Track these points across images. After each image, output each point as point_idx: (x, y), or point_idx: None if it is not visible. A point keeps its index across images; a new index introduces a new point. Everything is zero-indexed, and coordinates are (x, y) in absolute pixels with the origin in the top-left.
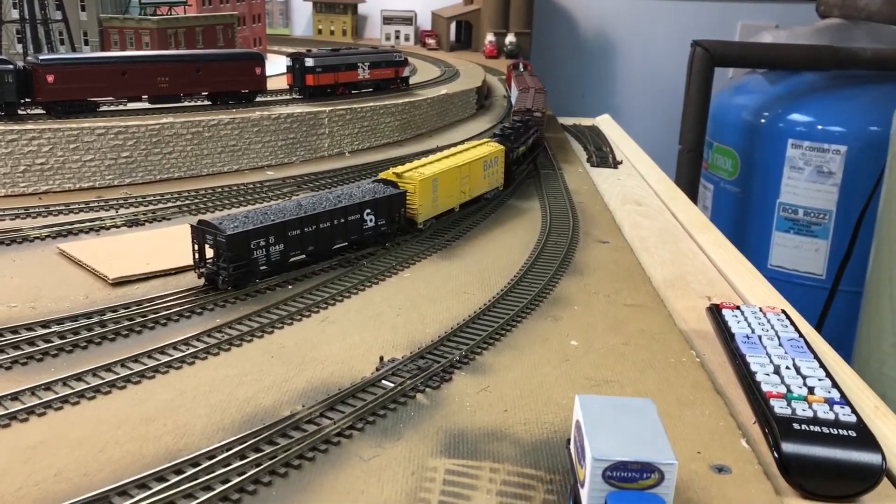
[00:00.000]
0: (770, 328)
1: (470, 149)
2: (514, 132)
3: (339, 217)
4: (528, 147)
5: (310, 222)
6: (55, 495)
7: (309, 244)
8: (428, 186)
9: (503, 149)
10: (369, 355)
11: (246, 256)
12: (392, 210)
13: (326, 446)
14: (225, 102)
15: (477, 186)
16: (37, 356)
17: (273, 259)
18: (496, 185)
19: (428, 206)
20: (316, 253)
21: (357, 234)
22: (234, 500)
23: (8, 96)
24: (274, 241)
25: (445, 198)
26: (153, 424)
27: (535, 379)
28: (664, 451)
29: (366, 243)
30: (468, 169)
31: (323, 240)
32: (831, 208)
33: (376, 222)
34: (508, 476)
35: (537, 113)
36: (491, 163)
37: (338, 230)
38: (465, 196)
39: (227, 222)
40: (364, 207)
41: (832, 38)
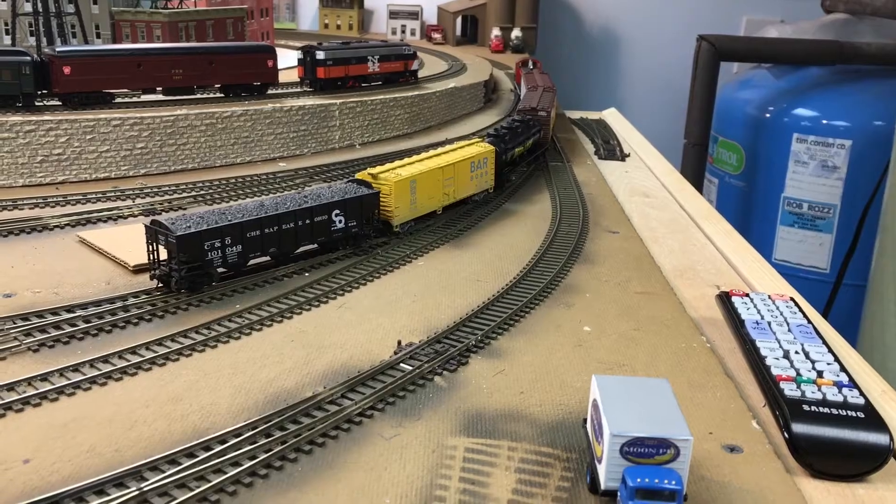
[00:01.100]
0: (779, 314)
1: (457, 149)
2: (511, 132)
3: (304, 218)
4: (526, 148)
5: (271, 223)
6: (88, 470)
7: (271, 246)
8: (405, 188)
9: (493, 149)
10: (387, 340)
11: (199, 258)
12: (364, 212)
13: (349, 425)
14: (237, 95)
15: (463, 188)
16: (63, 339)
17: (230, 261)
18: (485, 188)
19: (405, 208)
20: (279, 255)
21: (325, 236)
22: (261, 475)
23: (26, 88)
24: (231, 243)
25: (426, 200)
26: (179, 404)
27: (550, 363)
28: (680, 428)
29: (336, 246)
30: (452, 170)
31: (287, 241)
32: (836, 202)
33: (346, 224)
34: (526, 454)
35: (542, 112)
36: (479, 164)
37: (303, 232)
38: (448, 198)
39: (179, 222)
40: (332, 208)
41: (837, 32)
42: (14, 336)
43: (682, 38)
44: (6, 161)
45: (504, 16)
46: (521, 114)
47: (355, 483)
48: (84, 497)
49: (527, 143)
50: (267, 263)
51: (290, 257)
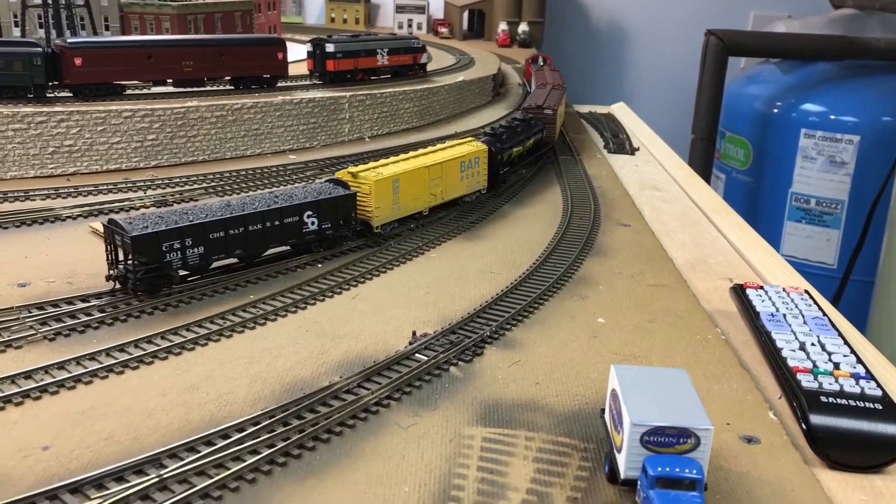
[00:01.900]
0: (794, 307)
1: (447, 148)
2: (509, 131)
3: (272, 219)
4: (526, 147)
5: (236, 224)
6: (107, 457)
7: (236, 247)
8: (385, 188)
9: (486, 149)
10: (401, 330)
11: (157, 259)
12: (338, 213)
13: (366, 415)
14: (247, 87)
15: (452, 188)
16: (78, 328)
17: (191, 263)
18: (477, 188)
19: (386, 208)
20: (246, 257)
21: (296, 237)
22: (280, 463)
23: (37, 79)
24: (192, 244)
25: (410, 200)
26: (196, 393)
27: (565, 354)
28: (700, 417)
29: (309, 248)
30: (440, 170)
31: (254, 243)
32: (843, 198)
33: (319, 225)
34: (543, 444)
35: (548, 111)
36: (470, 164)
37: (271, 233)
38: (435, 199)
39: (137, 222)
40: (304, 209)
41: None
42: (29, 325)
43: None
44: (18, 152)
45: (511, 10)
46: (525, 112)
47: (374, 471)
48: (104, 484)
49: (527, 142)
50: (234, 266)
51: (258, 260)
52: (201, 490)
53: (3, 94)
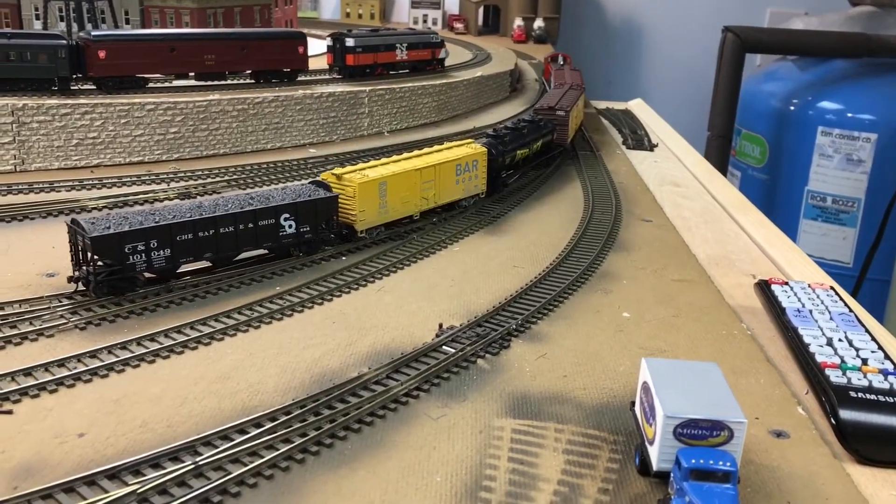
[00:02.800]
0: (820, 303)
1: (442, 150)
2: (514, 133)
3: (245, 221)
4: (532, 150)
5: (206, 226)
6: (142, 444)
7: (206, 250)
8: (371, 190)
9: (485, 151)
10: (427, 323)
11: (119, 261)
12: (318, 216)
13: (395, 405)
14: (268, 81)
15: (447, 192)
16: (109, 318)
17: (157, 265)
18: (475, 192)
19: (372, 212)
20: (217, 260)
21: (272, 240)
22: (312, 452)
23: (61, 71)
24: (157, 246)
25: (399, 204)
26: (228, 382)
27: (591, 347)
28: (733, 410)
29: (287, 252)
30: (433, 172)
31: (225, 246)
32: (860, 196)
33: (297, 229)
34: (573, 436)
35: (560, 112)
36: (468, 167)
37: (245, 236)
38: (427, 203)
39: (99, 222)
40: (280, 212)
41: (864, 25)
42: (60, 314)
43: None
44: (42, 144)
45: (526, 6)
46: (535, 113)
47: (405, 461)
48: (141, 470)
49: (533, 145)
50: (205, 269)
51: (231, 263)
52: (236, 477)
53: (27, 86)
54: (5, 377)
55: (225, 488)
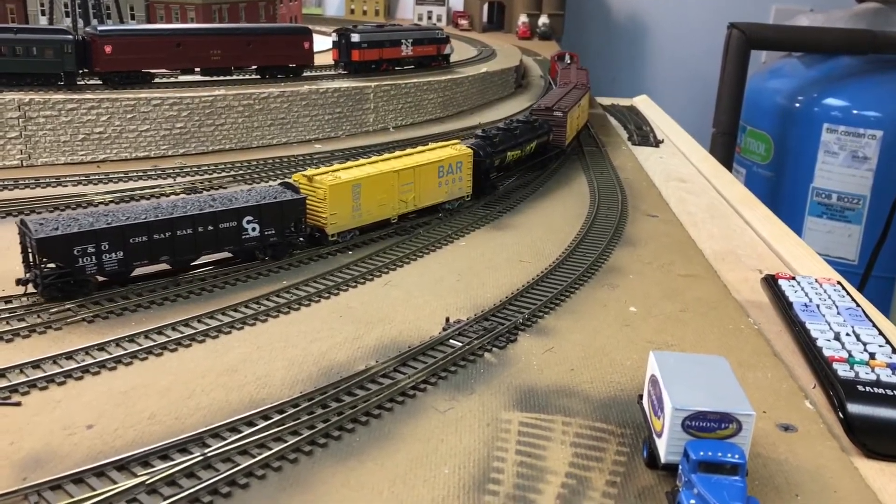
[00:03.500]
0: (827, 297)
1: (424, 151)
2: (505, 133)
3: (204, 224)
4: (525, 152)
5: (162, 228)
6: (150, 436)
7: (162, 253)
8: (343, 193)
9: (470, 153)
10: (434, 316)
11: (68, 264)
12: (285, 218)
13: (403, 398)
14: (273, 76)
15: (428, 195)
16: (116, 311)
17: (108, 268)
18: (460, 195)
19: (344, 215)
20: (175, 263)
21: (234, 244)
22: (320, 444)
23: (68, 66)
24: (108, 248)
25: (375, 207)
26: (235, 375)
27: (598, 341)
28: (742, 403)
29: (252, 255)
30: (412, 174)
31: (183, 249)
32: (865, 193)
33: (262, 232)
34: (580, 429)
35: (558, 113)
36: (451, 168)
37: (204, 239)
38: (406, 206)
39: (48, 223)
40: (242, 214)
41: (870, 22)
42: (68, 307)
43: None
44: (49, 139)
45: (531, 2)
46: (532, 113)
47: (413, 453)
48: (149, 461)
49: (527, 146)
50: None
51: (190, 266)
52: (245, 469)
53: (34, 81)
54: (14, 369)
55: (234, 479)
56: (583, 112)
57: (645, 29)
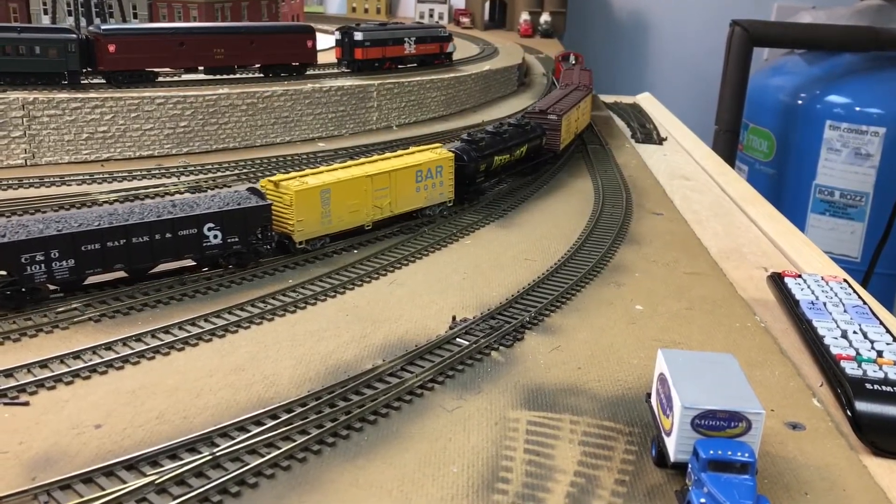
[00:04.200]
0: (834, 295)
1: (402, 155)
2: (493, 137)
3: (161, 231)
4: (515, 156)
5: (116, 235)
6: (159, 435)
7: (116, 261)
8: (311, 199)
9: (451, 157)
10: (440, 315)
11: (15, 272)
12: (249, 226)
13: (410, 397)
14: (277, 74)
15: (405, 200)
16: (123, 311)
17: (59, 277)
18: (440, 200)
19: (313, 221)
20: (131, 272)
21: (195, 252)
22: (329, 443)
23: (71, 65)
24: (59, 256)
25: (347, 213)
26: (242, 374)
27: (604, 340)
28: (751, 402)
29: (215, 263)
30: (387, 179)
31: (139, 257)
32: (868, 190)
33: (224, 239)
34: (588, 428)
35: (552, 116)
36: (431, 173)
37: (162, 246)
38: (381, 212)
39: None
40: (203, 221)
41: (872, 19)
42: (75, 307)
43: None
44: (53, 138)
45: (533, 0)
46: (527, 116)
47: (421, 452)
48: (158, 461)
49: (516, 150)
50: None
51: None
52: (254, 468)
53: (38, 81)
54: (21, 368)
55: (243, 479)
56: (583, 115)
57: (647, 26)
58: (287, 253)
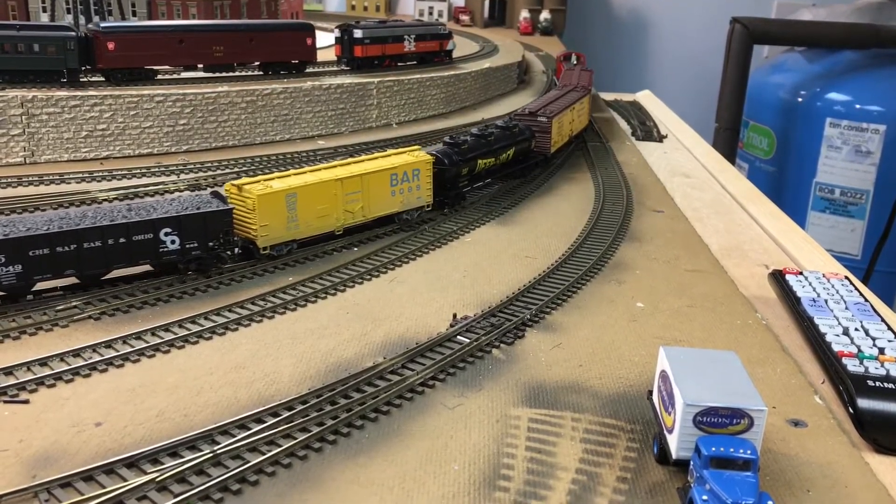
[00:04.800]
0: (835, 292)
1: (376, 158)
2: (477, 140)
3: (115, 235)
4: (501, 160)
5: (65, 240)
6: (159, 433)
7: (67, 267)
8: (275, 203)
9: (429, 160)
10: (441, 313)
11: None
12: (209, 231)
13: (412, 395)
14: (276, 72)
15: (378, 205)
16: (122, 308)
17: (5, 282)
18: (417, 205)
19: (278, 227)
20: (84, 278)
21: (151, 257)
22: (330, 441)
23: (70, 63)
24: (5, 261)
25: (315, 218)
26: (243, 372)
27: (606, 337)
28: (753, 398)
29: (174, 268)
30: (359, 183)
31: (91, 262)
32: (868, 188)
33: (182, 244)
34: (590, 425)
35: (542, 118)
36: (406, 176)
37: (116, 252)
38: (352, 217)
39: None
40: (159, 226)
41: (872, 16)
42: (74, 305)
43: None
44: (52, 136)
45: None
46: (516, 118)
47: (423, 450)
48: (159, 459)
49: (502, 154)
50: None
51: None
52: (255, 466)
53: (37, 78)
54: (21, 366)
55: (243, 476)
56: (579, 116)
57: (647, 24)
58: (252, 259)
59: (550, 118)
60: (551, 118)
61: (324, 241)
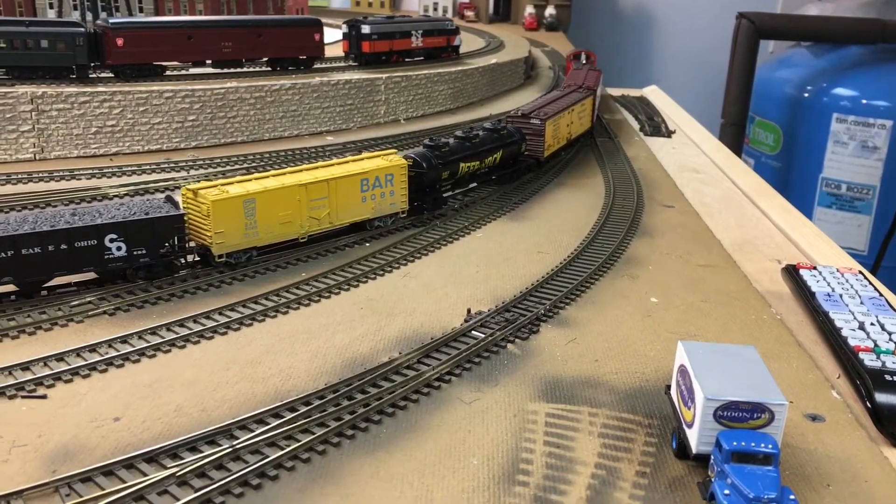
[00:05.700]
0: (850, 287)
1: (347, 162)
2: (460, 142)
3: (56, 242)
4: (486, 163)
5: (2, 246)
6: (178, 428)
7: (4, 274)
8: (231, 209)
9: (404, 164)
10: (455, 308)
11: None
12: (159, 237)
13: (428, 390)
14: (284, 68)
15: (347, 211)
16: (137, 304)
17: None
18: (392, 210)
19: (235, 234)
20: (22, 285)
21: (95, 264)
22: (348, 435)
23: (80, 59)
24: None
25: (276, 225)
26: (259, 367)
27: (620, 332)
28: (774, 393)
29: (122, 276)
30: (325, 188)
31: (30, 270)
32: (875, 183)
33: (129, 251)
34: (607, 420)
35: (535, 121)
36: (378, 181)
37: (57, 259)
38: (318, 223)
39: None
40: (104, 232)
41: (879, 11)
42: (89, 300)
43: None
44: (62, 132)
45: None
46: (507, 120)
47: (441, 444)
48: (178, 453)
49: (488, 157)
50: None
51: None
52: (274, 461)
53: (46, 74)
54: (38, 362)
55: (263, 471)
56: (579, 118)
57: (653, 19)
58: (209, 266)
59: (544, 120)
60: (545, 120)
61: (290, 248)
